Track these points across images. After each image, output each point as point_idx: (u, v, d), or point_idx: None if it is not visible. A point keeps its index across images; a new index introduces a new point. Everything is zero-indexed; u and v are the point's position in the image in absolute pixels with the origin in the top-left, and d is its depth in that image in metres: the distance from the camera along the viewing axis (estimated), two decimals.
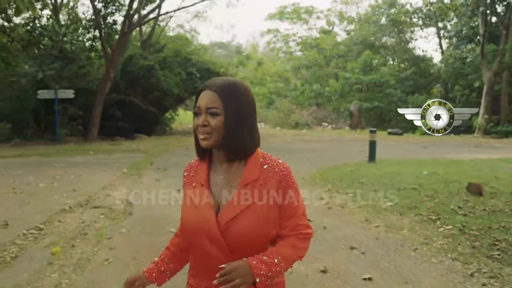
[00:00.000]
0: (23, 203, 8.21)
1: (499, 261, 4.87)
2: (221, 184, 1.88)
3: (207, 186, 1.88)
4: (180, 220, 1.95)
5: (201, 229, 1.83)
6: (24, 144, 19.81)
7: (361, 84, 35.50)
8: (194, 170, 1.98)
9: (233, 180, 1.87)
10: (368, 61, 35.95)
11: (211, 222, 1.80)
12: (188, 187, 1.96)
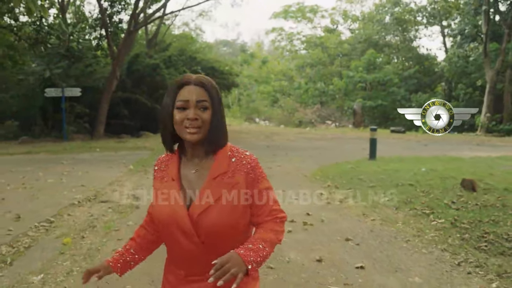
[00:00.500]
0: (33, 197, 8.52)
1: (486, 252, 5.15)
2: (191, 178, 1.92)
3: (178, 181, 1.91)
4: (153, 214, 2.00)
5: (173, 223, 1.87)
6: (32, 141, 20.19)
7: (365, 83, 35.65)
8: (165, 165, 2.00)
9: (203, 173, 1.91)
10: (372, 59, 36.09)
11: (183, 216, 1.84)
12: (159, 182, 1.98)
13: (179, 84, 1.88)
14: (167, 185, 1.92)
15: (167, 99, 1.88)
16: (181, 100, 1.84)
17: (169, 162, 1.98)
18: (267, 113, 47.41)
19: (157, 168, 2.02)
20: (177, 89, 1.88)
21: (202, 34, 56.72)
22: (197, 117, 1.82)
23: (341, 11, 45.60)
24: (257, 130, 28.61)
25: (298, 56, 47.37)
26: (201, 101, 1.85)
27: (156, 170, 2.02)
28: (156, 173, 2.01)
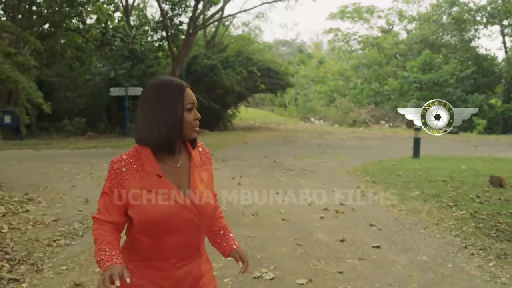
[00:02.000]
0: (99, 185, 9.50)
1: (494, 238, 5.75)
2: (174, 171, 2.03)
3: (163, 176, 1.98)
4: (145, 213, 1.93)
5: (176, 216, 1.96)
6: (97, 136, 21.60)
7: (420, 83, 35.46)
8: (136, 165, 1.97)
9: (183, 165, 2.06)
10: (428, 60, 35.83)
11: (187, 205, 1.98)
12: (138, 181, 1.96)
13: (180, 88, 2.00)
14: (155, 182, 1.96)
15: (177, 104, 1.97)
16: (191, 102, 2.01)
17: (137, 161, 1.98)
18: (322, 113, 47.74)
19: (125, 170, 1.97)
20: (181, 92, 1.99)
21: (261, 34, 57.57)
22: (198, 117, 2.06)
23: (397, 11, 45.37)
24: (311, 129, 29.24)
25: (354, 57, 47.46)
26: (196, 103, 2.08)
27: (125, 172, 1.96)
28: (127, 174, 1.96)
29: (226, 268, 4.60)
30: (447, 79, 34.23)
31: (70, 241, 5.83)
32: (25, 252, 5.37)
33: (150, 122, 1.96)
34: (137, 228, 1.99)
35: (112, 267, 1.81)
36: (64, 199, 8.27)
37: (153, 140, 1.96)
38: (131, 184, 1.95)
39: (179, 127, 1.97)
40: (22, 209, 7.53)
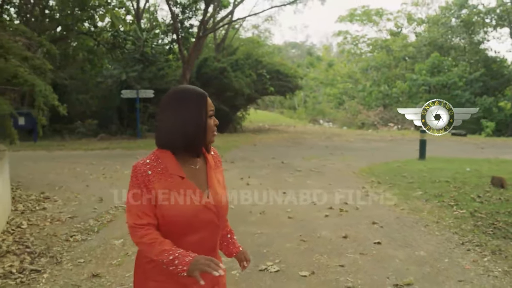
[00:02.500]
0: (113, 185, 9.93)
1: (491, 235, 6.00)
2: (194, 173, 2.15)
3: (186, 178, 2.10)
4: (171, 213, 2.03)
5: (199, 215, 2.08)
6: (109, 138, 21.96)
7: (428, 86, 35.54)
8: (160, 168, 2.07)
9: (201, 168, 2.20)
10: (436, 62, 35.91)
11: (208, 205, 2.11)
12: (164, 182, 2.05)
13: (203, 96, 2.14)
14: (178, 183, 2.07)
15: (200, 112, 2.10)
16: (211, 109, 2.16)
17: (160, 164, 2.08)
18: (331, 115, 47.91)
19: (151, 173, 2.05)
20: (204, 100, 2.13)
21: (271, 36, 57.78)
22: (217, 123, 2.21)
23: (406, 14, 45.47)
24: (320, 131, 29.46)
25: (363, 59, 47.58)
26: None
27: (151, 174, 2.05)
28: (153, 177, 2.05)
29: (234, 261, 4.88)
30: (456, 82, 34.28)
31: (86, 237, 6.15)
32: (45, 246, 5.69)
33: (177, 127, 2.07)
34: (161, 228, 2.07)
35: (200, 257, 1.94)
36: (79, 198, 8.60)
37: (180, 143, 2.08)
38: (157, 186, 2.04)
39: (204, 131, 2.11)
40: (39, 207, 7.87)
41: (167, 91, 2.18)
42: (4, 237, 5.96)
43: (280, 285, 4.53)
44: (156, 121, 2.28)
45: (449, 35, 40.11)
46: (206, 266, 1.89)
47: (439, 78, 34.87)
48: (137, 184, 2.04)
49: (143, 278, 2.16)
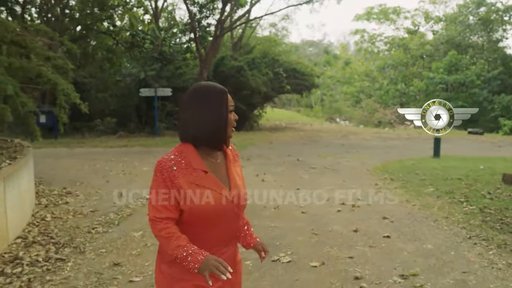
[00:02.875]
0: (132, 181, 10.22)
1: (498, 230, 6.16)
2: (215, 166, 2.27)
3: (208, 172, 2.22)
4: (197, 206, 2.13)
5: (222, 206, 2.20)
6: (127, 136, 22.34)
7: (446, 84, 35.42)
8: (185, 163, 2.17)
9: (221, 161, 2.32)
10: (454, 61, 35.77)
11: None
12: (188, 176, 2.15)
13: (223, 92, 2.24)
14: (202, 177, 2.18)
15: (222, 107, 2.21)
16: (232, 105, 2.27)
17: (184, 159, 2.18)
18: (348, 113, 47.94)
19: (176, 168, 2.14)
20: (225, 96, 2.24)
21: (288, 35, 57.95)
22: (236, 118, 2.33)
23: (424, 12, 45.31)
24: (336, 130, 29.57)
25: (380, 58, 47.53)
26: None
27: (176, 170, 2.14)
28: (178, 171, 2.14)
29: (248, 252, 5.12)
30: (473, 80, 34.14)
31: (107, 229, 6.43)
32: (68, 237, 5.99)
33: (200, 122, 2.18)
34: (187, 220, 2.18)
35: (211, 257, 2.06)
36: (99, 193, 8.89)
37: (203, 138, 2.20)
38: (182, 181, 2.13)
39: (225, 126, 2.22)
40: (62, 201, 8.18)
41: (185, 89, 2.41)
42: (30, 229, 6.27)
43: (291, 274, 4.75)
44: (179, 117, 2.32)
45: (467, 33, 39.90)
46: (215, 268, 2.01)
47: (457, 76, 34.74)
48: (162, 179, 2.13)
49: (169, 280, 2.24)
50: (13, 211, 5.86)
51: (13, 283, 4.48)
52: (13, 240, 5.72)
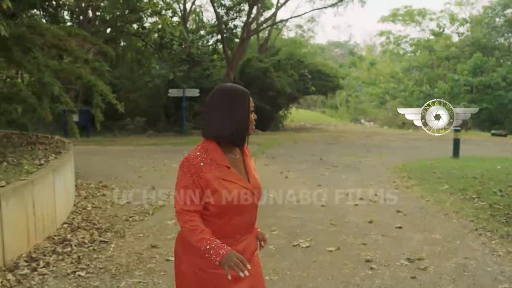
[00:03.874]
0: (163, 176, 10.87)
1: (503, 223, 6.62)
2: (235, 162, 2.46)
3: (231, 167, 2.41)
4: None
5: (242, 198, 2.38)
6: (156, 135, 23.13)
7: (470, 86, 35.47)
8: (210, 159, 2.34)
9: (240, 157, 2.52)
10: (478, 63, 35.80)
11: (251, 190, 2.43)
12: (214, 171, 2.33)
13: (246, 94, 2.43)
14: (226, 172, 2.38)
15: (245, 108, 2.40)
16: (252, 106, 2.46)
17: (209, 156, 2.36)
18: (373, 115, 48.19)
19: (203, 164, 2.32)
20: (247, 98, 2.43)
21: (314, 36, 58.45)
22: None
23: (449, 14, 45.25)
24: (360, 131, 30.00)
25: (405, 59, 47.65)
26: None
27: (203, 166, 2.31)
28: (205, 167, 2.31)
29: (270, 238, 5.69)
30: (499, 82, 34.12)
31: (143, 218, 7.07)
32: (109, 224, 6.63)
33: (224, 122, 2.36)
34: (213, 212, 2.35)
35: (232, 253, 2.22)
36: (133, 187, 9.55)
37: (226, 136, 2.38)
38: (208, 176, 2.30)
39: (247, 125, 2.41)
40: (99, 193, 8.85)
41: (212, 90, 2.72)
42: (73, 216, 6.94)
43: (309, 257, 5.31)
44: (203, 116, 2.51)
45: (494, 35, 39.80)
46: (234, 265, 2.17)
47: (482, 78, 34.75)
48: (190, 174, 2.31)
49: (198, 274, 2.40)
50: (60, 199, 6.54)
51: (65, 260, 5.13)
52: (60, 226, 6.39)
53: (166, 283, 4.55)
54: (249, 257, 2.45)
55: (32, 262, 4.96)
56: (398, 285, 4.53)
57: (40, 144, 9.40)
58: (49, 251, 5.35)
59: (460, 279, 4.67)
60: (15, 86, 7.62)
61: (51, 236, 5.89)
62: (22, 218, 5.23)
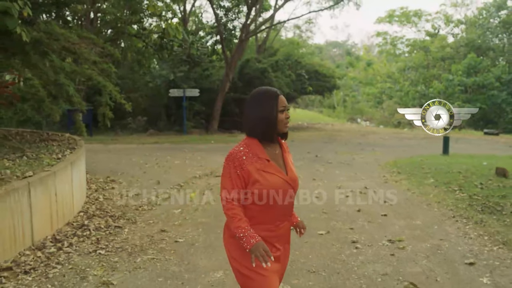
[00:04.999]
0: (166, 172, 11.52)
1: (479, 212, 7.29)
2: (275, 156, 2.74)
3: (270, 160, 2.69)
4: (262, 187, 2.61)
5: (282, 187, 2.67)
6: (157, 133, 23.76)
7: (464, 86, 36.13)
8: (252, 153, 2.65)
9: (279, 152, 2.79)
10: (472, 63, 36.47)
11: (288, 181, 2.71)
12: (255, 164, 2.63)
13: (275, 95, 2.69)
14: (266, 164, 2.66)
15: (273, 108, 2.66)
16: (283, 106, 2.69)
17: (251, 151, 2.67)
18: (369, 114, 48.86)
19: (245, 158, 2.63)
20: (276, 98, 2.68)
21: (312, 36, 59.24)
22: (289, 116, 2.76)
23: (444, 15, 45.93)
24: (356, 130, 30.63)
25: (401, 60, 48.33)
26: (287, 106, 2.77)
27: (245, 159, 2.63)
28: (247, 160, 2.63)
29: None
30: (492, 82, 34.78)
31: (151, 207, 7.73)
32: (121, 212, 7.29)
33: (256, 120, 2.69)
34: (254, 201, 2.67)
35: (260, 244, 2.55)
36: (139, 181, 10.20)
37: (259, 132, 2.70)
38: (250, 168, 2.62)
39: (274, 123, 2.68)
40: (108, 186, 9.51)
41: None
42: (87, 206, 7.60)
43: (302, 239, 5.89)
44: (243, 116, 2.85)
45: (489, 35, 40.44)
46: (260, 256, 2.52)
47: (475, 78, 35.42)
48: (234, 166, 2.63)
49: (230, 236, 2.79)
50: (76, 190, 7.20)
51: (85, 241, 5.79)
52: (76, 214, 7.05)
53: (176, 259, 5.23)
54: (285, 242, 2.85)
55: (57, 243, 5.63)
56: (378, 261, 5.21)
57: (52, 141, 10.04)
58: (70, 234, 6.02)
59: (433, 256, 5.35)
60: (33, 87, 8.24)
61: (70, 222, 6.55)
62: (46, 205, 5.89)
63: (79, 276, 4.71)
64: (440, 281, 4.62)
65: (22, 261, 4.93)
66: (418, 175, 10.92)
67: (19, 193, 5.23)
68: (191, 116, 25.69)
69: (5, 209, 4.95)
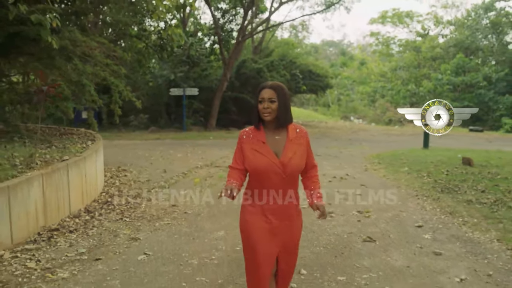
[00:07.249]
0: (171, 163, 12.84)
1: (439, 192, 8.65)
2: (275, 141, 3.09)
3: (266, 143, 3.07)
4: (250, 163, 3.07)
5: (270, 167, 3.02)
6: (158, 130, 25.07)
7: (453, 85, 37.44)
8: (253, 135, 3.11)
9: (282, 138, 3.12)
10: (461, 63, 37.81)
11: (277, 162, 3.03)
12: (250, 143, 3.10)
13: (260, 88, 3.09)
14: (260, 145, 3.06)
15: (255, 98, 3.10)
16: (261, 97, 3.06)
17: (253, 134, 3.12)
18: (362, 112, 50.17)
19: (245, 137, 3.12)
20: (259, 91, 3.09)
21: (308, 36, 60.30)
22: (267, 106, 3.04)
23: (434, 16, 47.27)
24: (348, 127, 31.99)
25: (394, 59, 49.65)
26: (270, 98, 3.04)
27: (244, 138, 3.12)
28: (246, 140, 3.13)
29: None
30: (479, 81, 36.13)
31: (161, 190, 9.06)
32: (136, 193, 8.63)
33: (253, 110, 3.16)
34: (250, 173, 3.14)
35: (229, 186, 2.98)
36: (148, 170, 11.52)
37: (252, 119, 3.18)
38: (245, 146, 3.13)
39: (256, 111, 3.12)
40: (121, 174, 10.83)
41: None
42: (107, 188, 8.94)
43: None
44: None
45: (478, 36, 41.70)
46: (223, 189, 2.98)
47: (463, 78, 36.77)
48: (238, 142, 3.17)
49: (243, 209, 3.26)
50: (99, 174, 8.54)
51: (111, 213, 7.14)
52: (99, 194, 8.39)
53: (186, 224, 6.59)
54: (283, 219, 3.19)
55: (89, 213, 6.99)
56: (347, 224, 6.58)
57: (71, 135, 11.36)
58: (98, 208, 7.37)
59: (391, 221, 6.72)
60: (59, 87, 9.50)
61: (96, 200, 7.91)
62: (79, 183, 7.24)
63: (112, 234, 6.06)
64: (392, 237, 5.99)
65: (66, 225, 6.28)
66: (396, 164, 12.27)
67: (61, 172, 6.57)
68: (191, 114, 26.94)
69: (52, 184, 6.28)
